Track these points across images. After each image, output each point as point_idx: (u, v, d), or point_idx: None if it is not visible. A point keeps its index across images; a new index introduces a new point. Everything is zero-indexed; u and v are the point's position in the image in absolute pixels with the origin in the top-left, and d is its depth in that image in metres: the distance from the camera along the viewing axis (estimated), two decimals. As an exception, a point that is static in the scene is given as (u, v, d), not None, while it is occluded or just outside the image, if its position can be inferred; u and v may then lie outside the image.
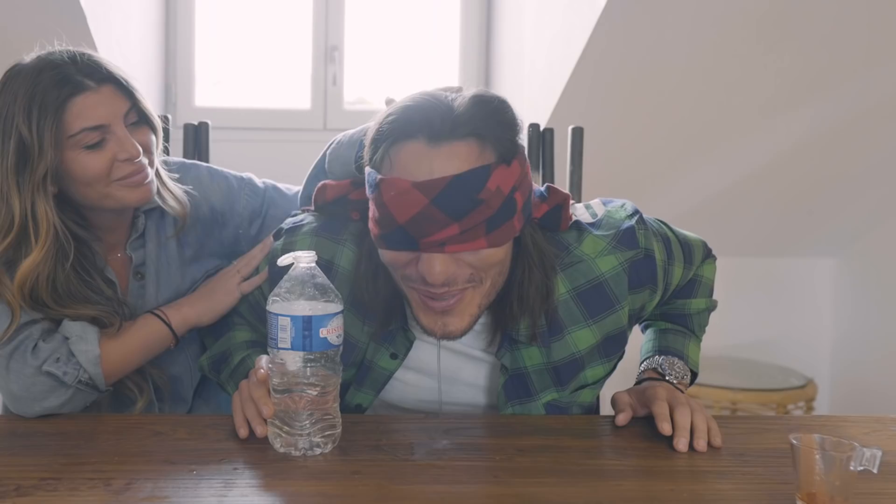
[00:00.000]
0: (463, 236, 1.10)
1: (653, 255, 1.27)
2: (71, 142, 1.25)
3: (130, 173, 1.29)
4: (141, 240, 1.41)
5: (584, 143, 1.80)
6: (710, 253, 1.43)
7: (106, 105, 1.27)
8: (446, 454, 1.12)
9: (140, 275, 1.41)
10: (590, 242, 1.26)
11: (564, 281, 1.25)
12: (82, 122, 1.25)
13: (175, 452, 1.12)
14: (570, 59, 2.35)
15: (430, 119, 1.09)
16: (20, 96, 1.23)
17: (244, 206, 1.48)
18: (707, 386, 2.76)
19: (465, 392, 1.31)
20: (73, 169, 1.26)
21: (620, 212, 1.30)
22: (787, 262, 3.22)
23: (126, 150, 1.27)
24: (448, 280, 1.12)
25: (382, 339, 1.27)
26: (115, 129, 1.27)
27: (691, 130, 2.60)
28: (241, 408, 1.17)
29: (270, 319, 1.10)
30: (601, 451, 1.17)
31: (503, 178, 1.11)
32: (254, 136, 3.01)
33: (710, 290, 1.44)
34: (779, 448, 1.17)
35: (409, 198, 1.09)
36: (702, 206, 2.87)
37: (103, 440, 1.16)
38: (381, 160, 1.13)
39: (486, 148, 1.10)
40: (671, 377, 1.32)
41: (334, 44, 3.07)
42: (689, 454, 1.15)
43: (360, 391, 1.30)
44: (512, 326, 1.23)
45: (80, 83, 1.25)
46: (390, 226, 1.12)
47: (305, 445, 1.11)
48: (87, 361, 1.27)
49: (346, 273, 1.26)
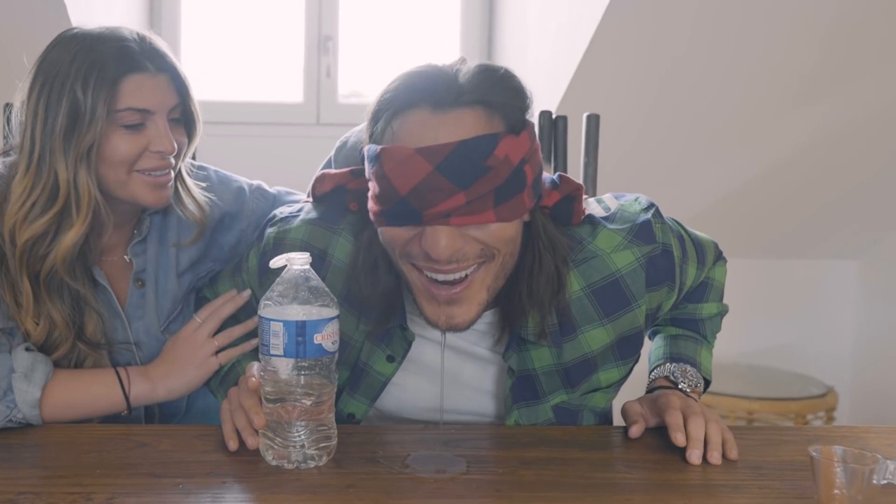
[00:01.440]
0: (470, 207, 1.09)
1: (670, 250, 1.27)
2: (114, 117, 1.26)
3: (156, 168, 1.30)
4: (143, 244, 1.41)
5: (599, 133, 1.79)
6: (721, 255, 1.43)
7: (158, 92, 1.29)
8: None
9: (141, 282, 1.41)
10: (604, 237, 1.26)
11: (578, 277, 1.24)
12: (131, 101, 1.26)
13: (160, 465, 1.11)
14: (578, 49, 2.35)
15: (435, 87, 1.10)
16: (78, 59, 1.25)
17: (253, 210, 1.47)
18: (722, 395, 2.76)
19: (469, 398, 1.31)
20: (104, 146, 1.27)
21: (635, 205, 1.30)
22: (806, 264, 3.22)
23: (162, 143, 1.29)
24: (454, 256, 1.11)
25: (379, 338, 1.27)
26: (158, 118, 1.29)
27: (707, 124, 2.60)
28: (231, 418, 1.17)
29: (262, 325, 1.10)
30: (610, 463, 1.17)
31: (512, 148, 1.10)
32: (243, 131, 3.01)
33: (721, 294, 1.44)
34: (797, 461, 1.17)
35: (412, 165, 1.08)
36: (716, 204, 2.87)
37: (83, 452, 1.16)
38: (381, 132, 1.13)
39: (494, 117, 1.10)
40: (684, 385, 1.32)
41: (328, 33, 3.07)
42: (702, 467, 1.15)
43: (353, 398, 1.30)
44: (520, 322, 1.23)
45: (140, 63, 1.27)
46: (391, 199, 1.11)
47: (299, 458, 1.11)
48: (24, 402, 1.23)
49: (341, 265, 1.26)
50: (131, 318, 1.40)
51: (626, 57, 2.36)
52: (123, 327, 1.39)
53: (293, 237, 1.28)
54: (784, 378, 3.00)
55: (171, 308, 1.42)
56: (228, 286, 1.40)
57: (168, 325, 1.42)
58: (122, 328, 1.39)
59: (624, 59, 2.37)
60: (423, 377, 1.30)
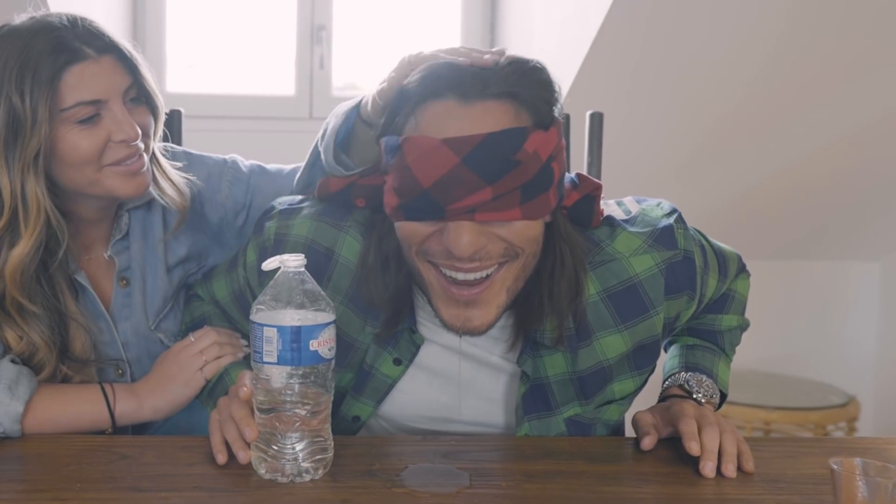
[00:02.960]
0: (496, 203, 1.10)
1: (692, 258, 1.28)
2: (63, 116, 1.23)
3: (124, 158, 1.28)
4: (125, 241, 1.40)
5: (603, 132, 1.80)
6: (744, 268, 1.45)
7: (105, 77, 1.26)
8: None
9: (125, 280, 1.40)
10: (623, 239, 1.26)
11: (594, 281, 1.25)
12: (78, 95, 1.23)
13: (144, 478, 1.11)
14: (585, 42, 2.35)
15: (462, 77, 1.11)
16: (11, 61, 1.22)
17: (226, 196, 1.46)
18: (737, 404, 2.76)
19: (477, 407, 1.31)
20: (62, 148, 1.24)
21: (657, 210, 1.31)
22: (826, 266, 3.22)
23: (123, 131, 1.26)
24: (477, 254, 1.12)
25: (386, 341, 1.27)
26: (113, 105, 1.26)
27: (720, 123, 2.60)
28: (220, 429, 1.16)
29: (254, 330, 1.09)
30: (619, 477, 1.17)
31: (541, 143, 1.11)
32: (232, 125, 3.01)
33: (743, 308, 1.45)
34: (817, 474, 1.17)
35: (438, 156, 1.09)
36: (730, 204, 2.87)
37: (63, 464, 1.16)
38: (403, 123, 1.14)
39: (522, 111, 1.12)
40: (699, 395, 1.32)
41: (321, 23, 3.07)
42: (716, 480, 1.15)
43: (358, 400, 1.30)
44: (537, 327, 1.23)
45: (78, 50, 1.24)
46: (412, 192, 1.11)
47: (293, 471, 1.10)
48: (6, 416, 1.23)
49: (348, 264, 1.26)
50: (117, 320, 1.39)
51: (634, 52, 2.36)
52: (109, 329, 1.39)
53: (296, 234, 1.28)
54: (803, 386, 3.00)
55: (161, 305, 1.42)
56: (224, 283, 1.40)
57: (159, 324, 1.42)
58: (107, 330, 1.38)
59: (632, 54, 2.37)
60: (429, 384, 1.30)
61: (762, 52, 2.39)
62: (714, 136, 2.66)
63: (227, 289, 1.40)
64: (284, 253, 1.12)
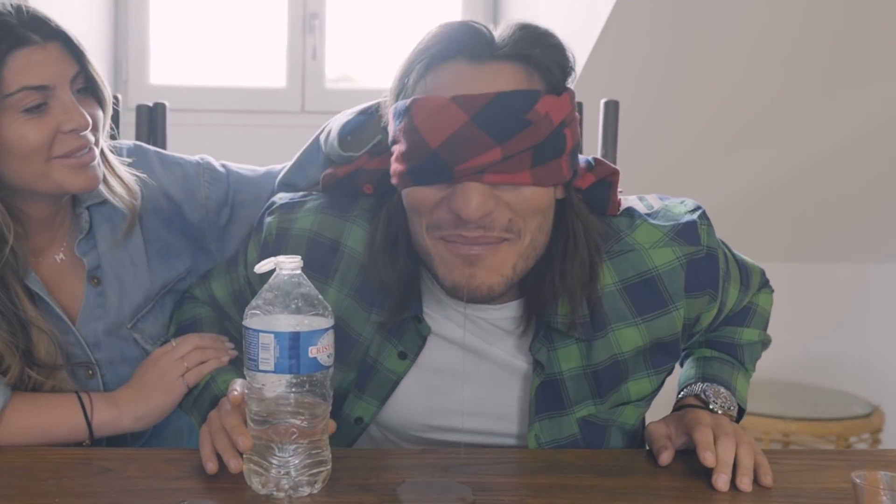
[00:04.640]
0: (505, 164, 1.11)
1: (715, 256, 1.29)
2: (8, 103, 1.24)
3: (75, 149, 1.28)
4: (91, 240, 1.40)
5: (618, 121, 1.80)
6: (767, 283, 1.46)
7: (52, 64, 1.26)
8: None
9: (96, 279, 1.40)
10: (644, 230, 1.27)
11: (611, 270, 1.26)
12: (23, 80, 1.24)
13: (126, 493, 1.12)
14: (594, 29, 2.35)
15: (473, 38, 1.14)
16: None
17: (206, 196, 1.47)
18: (755, 415, 2.76)
19: (484, 410, 1.30)
20: (7, 138, 1.25)
21: (680, 207, 1.32)
22: (849, 269, 3.21)
23: (73, 120, 1.26)
24: (483, 220, 1.13)
25: (391, 332, 1.27)
26: (61, 93, 1.27)
27: (738, 112, 2.60)
28: (211, 440, 1.16)
29: (249, 336, 1.09)
30: (629, 491, 1.17)
31: (553, 107, 1.14)
32: (219, 119, 3.01)
33: (765, 324, 1.46)
34: (839, 488, 1.17)
35: (446, 115, 1.11)
36: (746, 202, 2.87)
37: (41, 478, 1.16)
38: (413, 86, 1.16)
39: (535, 74, 1.15)
40: (715, 406, 1.32)
41: (314, 11, 3.08)
42: (732, 495, 1.15)
43: (360, 400, 1.31)
44: (550, 308, 1.24)
45: (23, 36, 1.25)
46: (420, 154, 1.13)
47: (289, 485, 1.10)
48: None
49: (355, 254, 1.27)
50: (87, 320, 1.39)
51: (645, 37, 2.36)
52: (73, 332, 1.38)
53: (300, 227, 1.29)
54: (824, 396, 3.00)
55: (142, 303, 1.42)
56: (224, 282, 1.41)
57: (136, 323, 1.42)
58: (71, 332, 1.38)
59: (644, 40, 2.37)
60: (435, 388, 1.30)
61: (782, 39, 2.38)
62: (729, 129, 2.66)
63: (226, 288, 1.41)
64: (288, 248, 1.13)
